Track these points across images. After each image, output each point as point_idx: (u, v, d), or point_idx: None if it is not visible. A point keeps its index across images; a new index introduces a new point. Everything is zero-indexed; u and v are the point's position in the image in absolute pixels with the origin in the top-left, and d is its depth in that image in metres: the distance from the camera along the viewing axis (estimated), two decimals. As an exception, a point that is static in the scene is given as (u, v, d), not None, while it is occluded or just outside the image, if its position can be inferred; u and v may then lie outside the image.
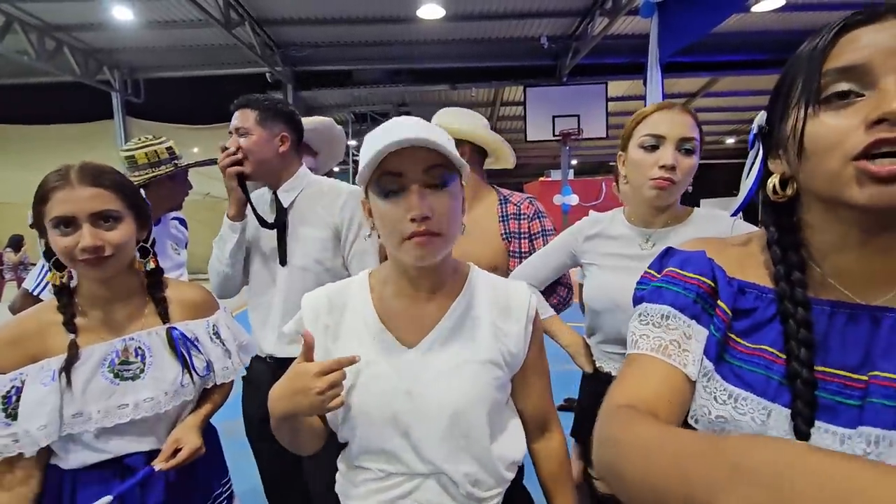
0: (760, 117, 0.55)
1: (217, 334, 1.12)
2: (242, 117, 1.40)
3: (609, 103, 8.44)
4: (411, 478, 0.75)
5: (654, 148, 1.08)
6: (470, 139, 1.60)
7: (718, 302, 0.55)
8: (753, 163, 0.55)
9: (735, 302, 0.54)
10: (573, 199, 9.08)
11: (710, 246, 0.59)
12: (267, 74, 7.70)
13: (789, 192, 0.51)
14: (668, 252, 0.63)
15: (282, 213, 1.45)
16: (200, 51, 7.44)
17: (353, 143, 11.16)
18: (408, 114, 8.96)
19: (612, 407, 0.52)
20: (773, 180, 0.52)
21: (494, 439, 0.78)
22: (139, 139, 1.78)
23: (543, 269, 1.41)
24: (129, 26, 6.45)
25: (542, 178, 11.75)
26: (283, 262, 1.44)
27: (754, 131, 0.56)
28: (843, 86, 0.43)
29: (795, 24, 6.84)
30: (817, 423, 0.47)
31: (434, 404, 0.73)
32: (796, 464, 0.27)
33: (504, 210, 1.64)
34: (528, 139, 8.46)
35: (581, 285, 1.39)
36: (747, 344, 0.52)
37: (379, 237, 0.75)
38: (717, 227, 1.08)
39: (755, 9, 6.28)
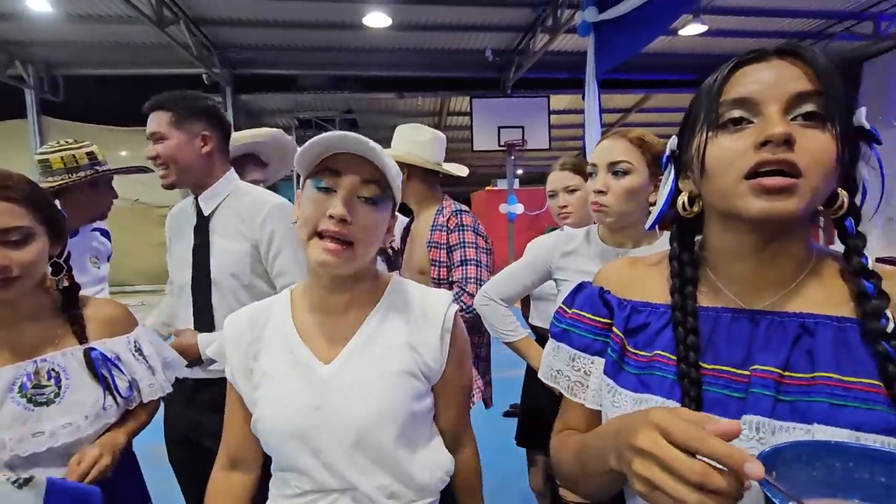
0: (672, 141, 0.61)
1: (139, 350, 1.05)
2: (156, 120, 1.29)
3: (551, 116, 8.77)
4: (326, 494, 0.74)
5: (593, 175, 1.17)
6: (407, 161, 1.69)
7: (613, 329, 0.63)
8: (666, 182, 0.62)
9: (628, 322, 0.62)
10: (518, 208, 9.31)
11: (617, 270, 0.68)
12: (204, 76, 7.34)
13: (696, 209, 0.58)
14: (579, 288, 0.70)
15: (201, 221, 1.35)
16: (130, 48, 6.98)
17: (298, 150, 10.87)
18: (353, 121, 8.85)
19: (555, 434, 0.71)
20: (683, 198, 0.59)
21: (414, 450, 0.77)
22: (57, 142, 1.63)
23: (514, 284, 1.41)
24: (46, 18, 5.93)
25: (488, 188, 11.96)
26: (202, 274, 1.34)
27: (667, 154, 0.62)
28: (736, 113, 0.50)
29: (716, 48, 7.44)
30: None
31: (343, 419, 0.72)
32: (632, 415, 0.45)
33: (435, 221, 1.70)
34: (474, 149, 8.61)
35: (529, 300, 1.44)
36: (644, 353, 0.59)
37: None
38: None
39: (681, 33, 6.78)
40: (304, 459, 0.73)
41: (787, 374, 0.50)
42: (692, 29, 6.62)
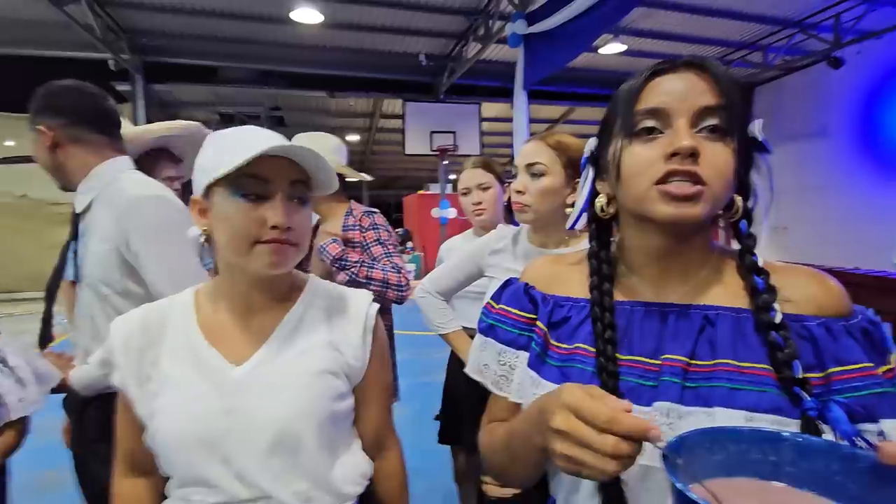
0: (591, 143, 0.64)
1: (3, 361, 0.96)
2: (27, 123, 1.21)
3: (483, 123, 8.97)
4: None
5: (515, 177, 1.23)
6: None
7: (537, 323, 0.65)
8: (585, 184, 0.65)
9: (551, 317, 0.64)
10: (450, 213, 9.41)
11: (541, 267, 0.71)
12: (110, 62, 6.69)
13: (612, 210, 0.61)
14: (507, 284, 0.72)
15: (74, 219, 1.23)
16: (21, 26, 6.19)
17: (218, 145, 10.23)
18: (280, 119, 8.49)
19: (482, 428, 0.72)
20: (601, 200, 0.62)
21: (334, 453, 0.75)
22: None
23: (449, 279, 1.47)
24: None
25: (421, 192, 11.98)
26: (75, 277, 1.22)
27: (586, 156, 0.65)
28: (649, 123, 0.53)
29: (634, 66, 7.95)
30: None
31: (257, 422, 0.69)
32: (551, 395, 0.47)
33: (346, 222, 1.73)
34: (406, 152, 8.58)
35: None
36: (566, 346, 0.62)
37: (206, 241, 0.72)
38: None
39: (602, 51, 7.24)
40: (213, 469, 0.68)
41: (693, 362, 0.54)
42: (612, 48, 7.10)
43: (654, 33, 7.13)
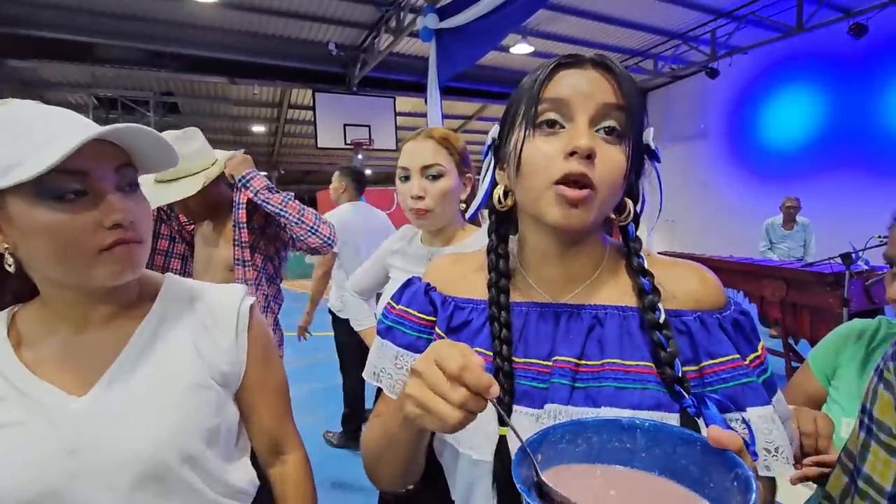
0: (494, 130, 0.62)
1: None
2: None
3: (398, 117, 8.86)
4: None
5: (406, 179, 1.14)
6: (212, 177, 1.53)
7: (436, 329, 0.63)
8: (486, 173, 0.62)
9: (451, 321, 0.62)
10: (366, 208, 9.20)
11: (444, 267, 0.68)
12: (-51, 29, 5.62)
13: (510, 202, 0.59)
14: (407, 284, 0.68)
15: None
16: None
17: (98, 133, 9.06)
18: (174, 105, 7.69)
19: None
20: (498, 191, 0.60)
21: (219, 467, 0.67)
22: None
23: (366, 278, 1.47)
24: None
25: (335, 186, 11.60)
26: None
27: (488, 144, 0.62)
28: (552, 115, 0.51)
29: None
30: (516, 407, 0.54)
31: (113, 457, 0.59)
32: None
33: (236, 216, 1.60)
34: (318, 145, 8.22)
35: None
36: None
37: (10, 267, 0.57)
38: (483, 243, 1.17)
39: (512, 51, 7.48)
40: None
41: (581, 362, 0.54)
42: (521, 48, 7.36)
43: (560, 37, 7.50)
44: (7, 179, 0.51)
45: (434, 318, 0.64)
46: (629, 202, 0.56)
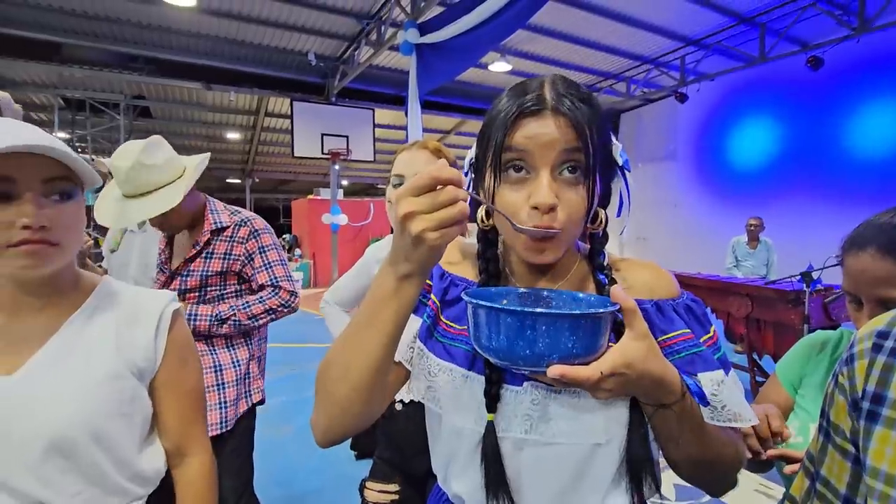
0: (472, 152, 0.64)
1: None
2: None
3: (376, 129, 8.87)
4: None
5: (400, 186, 1.16)
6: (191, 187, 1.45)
7: (431, 296, 0.67)
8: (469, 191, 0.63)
9: (446, 294, 0.66)
10: (342, 219, 9.13)
11: (449, 247, 0.68)
12: None
13: (491, 222, 0.63)
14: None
15: None
16: None
17: (62, 135, 8.74)
18: (146, 109, 7.52)
19: None
20: (481, 211, 0.63)
21: (125, 452, 0.74)
22: None
23: (347, 290, 1.46)
24: None
25: (310, 196, 11.47)
26: None
27: (467, 164, 0.65)
28: (518, 162, 0.55)
29: (518, 86, 8.57)
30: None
31: (26, 433, 0.67)
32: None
33: (203, 236, 1.54)
34: (295, 154, 8.15)
35: None
36: (455, 326, 0.65)
37: None
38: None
39: (491, 68, 7.62)
40: None
41: None
42: (499, 66, 7.51)
43: (537, 56, 7.70)
44: None
45: (431, 284, 0.68)
46: (602, 212, 0.60)
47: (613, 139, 0.60)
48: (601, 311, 0.46)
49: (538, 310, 0.45)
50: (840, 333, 0.86)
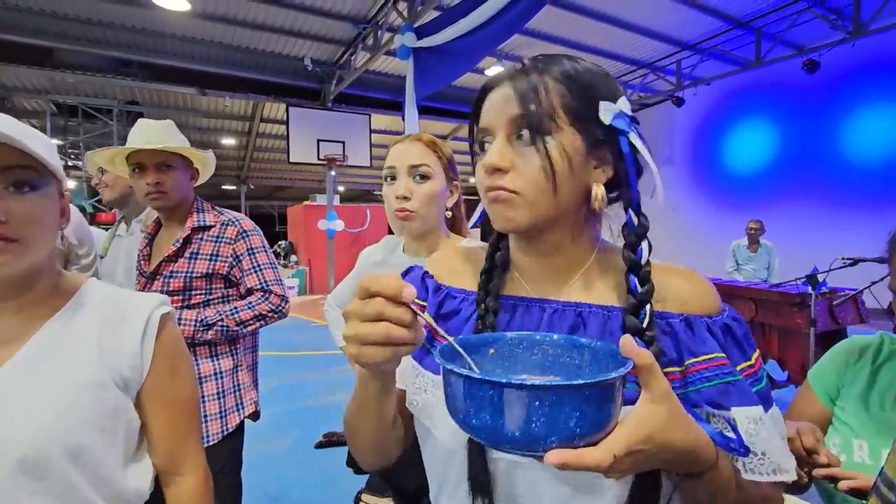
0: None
1: None
2: None
3: (372, 135, 8.83)
4: None
5: (392, 179, 1.11)
6: (182, 153, 1.47)
7: (424, 314, 0.59)
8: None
9: (441, 308, 0.63)
10: (338, 225, 9.05)
11: (446, 257, 0.71)
12: None
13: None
14: (409, 271, 0.70)
15: None
16: None
17: (54, 141, 8.64)
18: (140, 114, 7.53)
19: None
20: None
21: (105, 470, 0.68)
22: None
23: (346, 292, 1.43)
24: None
25: (306, 202, 11.39)
26: None
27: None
28: (483, 137, 0.57)
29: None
30: None
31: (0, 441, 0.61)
32: None
33: (193, 233, 1.53)
34: (290, 160, 8.09)
35: None
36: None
37: None
38: None
39: (487, 73, 7.61)
40: None
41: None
42: (495, 70, 7.49)
43: (533, 61, 7.71)
44: None
45: (425, 304, 0.64)
46: (597, 188, 0.54)
47: (606, 103, 0.53)
48: (610, 377, 0.36)
49: (530, 381, 0.35)
50: (880, 338, 0.79)
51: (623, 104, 0.54)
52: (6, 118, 0.62)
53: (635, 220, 0.53)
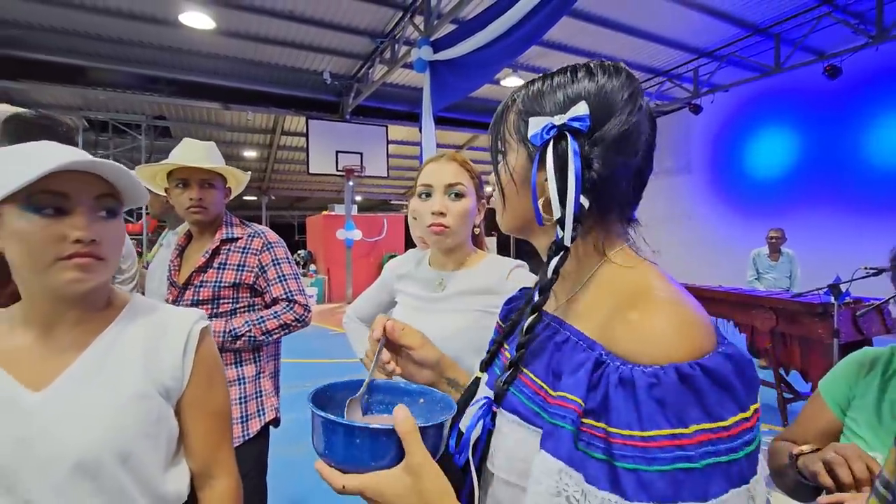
0: None
1: None
2: None
3: (389, 146, 8.96)
4: None
5: (427, 196, 1.15)
6: (223, 173, 1.59)
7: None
8: None
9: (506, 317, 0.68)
10: (356, 235, 9.18)
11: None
12: (-59, 49, 5.61)
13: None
14: (506, 301, 0.73)
15: None
16: None
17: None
18: (166, 129, 7.73)
19: None
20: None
21: (150, 473, 0.74)
22: None
23: (369, 304, 1.44)
24: None
25: (325, 212, 11.57)
26: None
27: None
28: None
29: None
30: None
31: (53, 452, 0.66)
32: None
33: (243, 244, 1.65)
34: (310, 171, 8.25)
35: None
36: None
37: None
38: (497, 271, 1.15)
39: (503, 83, 7.67)
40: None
41: (526, 371, 0.56)
42: (512, 81, 7.56)
43: (548, 71, 7.73)
44: (1, 192, 0.63)
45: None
46: (553, 205, 0.49)
47: (536, 118, 0.52)
48: (355, 424, 0.47)
49: (322, 413, 0.48)
50: (891, 350, 0.81)
51: (575, 110, 0.50)
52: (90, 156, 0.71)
53: (561, 233, 0.49)
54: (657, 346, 0.42)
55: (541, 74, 0.57)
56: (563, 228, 0.49)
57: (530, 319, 0.52)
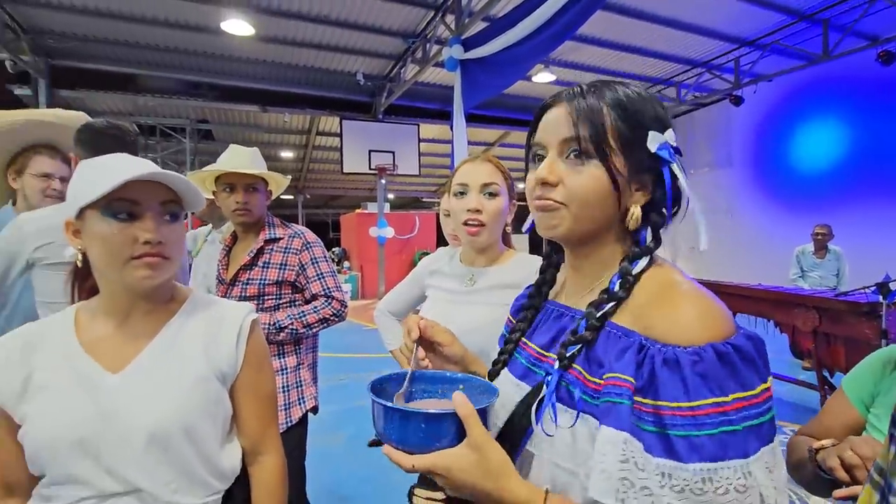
0: None
1: None
2: None
3: (421, 144, 9.05)
4: (104, 499, 0.76)
5: (462, 195, 1.20)
6: (266, 178, 1.69)
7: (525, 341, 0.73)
8: None
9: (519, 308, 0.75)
10: (388, 232, 9.33)
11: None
12: (7, 62, 6.05)
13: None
14: (517, 297, 0.79)
15: None
16: None
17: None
18: (208, 132, 8.05)
19: None
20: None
21: (206, 450, 0.82)
22: None
23: (401, 299, 1.51)
24: None
25: (358, 210, 11.80)
26: None
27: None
28: (539, 151, 0.61)
29: (562, 96, 8.51)
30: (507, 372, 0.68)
31: (130, 426, 0.75)
32: None
33: (265, 244, 1.74)
34: (344, 171, 8.44)
35: None
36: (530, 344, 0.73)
37: (80, 263, 0.80)
38: (526, 268, 1.19)
39: (535, 79, 7.61)
40: (83, 466, 0.74)
41: (542, 351, 0.65)
42: (543, 77, 7.49)
43: (581, 66, 7.62)
44: (83, 200, 0.74)
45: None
46: (634, 209, 0.57)
47: (654, 133, 0.57)
48: (417, 410, 0.53)
49: (383, 402, 0.55)
50: None
51: (669, 136, 0.58)
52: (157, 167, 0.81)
53: (649, 237, 0.58)
54: (693, 330, 0.48)
55: (613, 82, 0.60)
56: (655, 238, 0.58)
57: (591, 324, 0.56)
